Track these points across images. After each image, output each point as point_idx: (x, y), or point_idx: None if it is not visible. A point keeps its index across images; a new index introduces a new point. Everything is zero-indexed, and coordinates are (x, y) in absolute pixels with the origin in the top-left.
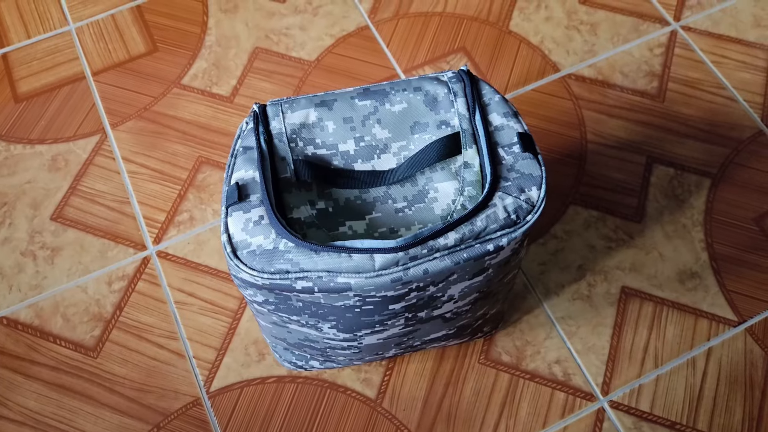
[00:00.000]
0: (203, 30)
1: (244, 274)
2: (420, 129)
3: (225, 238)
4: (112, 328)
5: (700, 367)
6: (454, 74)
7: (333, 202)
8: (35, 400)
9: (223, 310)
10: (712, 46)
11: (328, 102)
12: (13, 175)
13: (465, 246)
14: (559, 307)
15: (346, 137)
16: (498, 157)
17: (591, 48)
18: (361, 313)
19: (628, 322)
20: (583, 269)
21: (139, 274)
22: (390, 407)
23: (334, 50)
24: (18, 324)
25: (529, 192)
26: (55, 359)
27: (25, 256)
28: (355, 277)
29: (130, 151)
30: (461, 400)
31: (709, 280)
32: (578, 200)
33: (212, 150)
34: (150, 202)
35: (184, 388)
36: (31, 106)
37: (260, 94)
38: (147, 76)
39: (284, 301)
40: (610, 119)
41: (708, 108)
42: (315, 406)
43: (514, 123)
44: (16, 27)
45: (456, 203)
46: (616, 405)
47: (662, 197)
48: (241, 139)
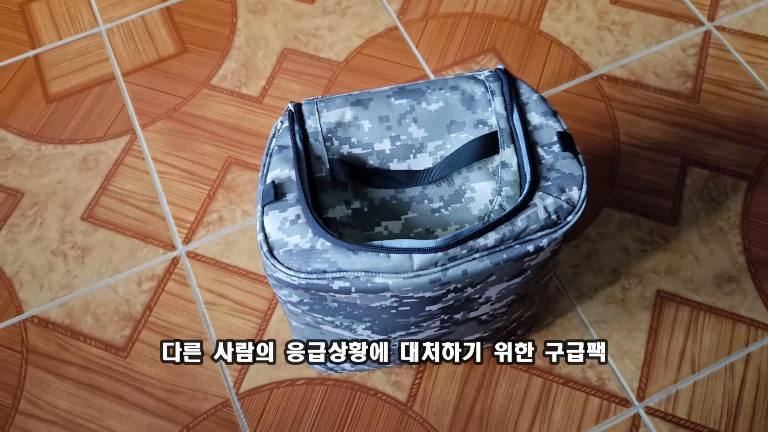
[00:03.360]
0: (232, 31)
1: (280, 273)
2: (457, 128)
3: (261, 237)
4: (141, 328)
5: (739, 373)
6: (491, 73)
7: (368, 202)
8: (66, 399)
9: (253, 311)
10: (747, 46)
11: (364, 101)
12: (45, 175)
13: (505, 246)
14: (593, 311)
15: (382, 136)
16: (537, 156)
17: (623, 48)
18: (397, 315)
19: (663, 327)
20: (617, 272)
21: (168, 274)
22: (421, 411)
23: (363, 51)
24: (49, 323)
25: (569, 192)
26: (86, 359)
27: (55, 256)
28: (393, 277)
29: (159, 151)
30: (493, 405)
31: (747, 284)
32: (612, 202)
33: (241, 150)
34: (179, 203)
35: (214, 389)
36: (62, 107)
37: (289, 95)
38: (176, 77)
39: (319, 302)
40: (643, 120)
41: (743, 109)
42: (345, 409)
43: (553, 122)
44: (47, 28)
45: (493, 203)
46: (653, 411)
47: (697, 199)
48: (276, 138)
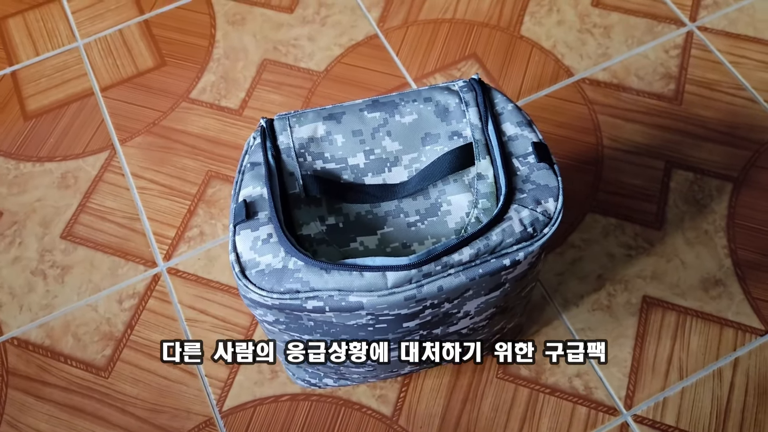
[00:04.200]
0: (211, 43)
1: (253, 294)
2: (431, 140)
3: (233, 258)
4: (123, 347)
5: (727, 379)
6: (465, 83)
7: (343, 218)
8: (46, 422)
9: (235, 327)
10: (730, 46)
11: (337, 115)
12: (23, 193)
13: (480, 261)
14: (579, 318)
15: (356, 150)
16: (512, 168)
17: (605, 51)
18: (374, 332)
19: (650, 333)
20: (603, 279)
21: (149, 291)
22: (406, 425)
23: (343, 60)
24: (29, 344)
25: (545, 204)
26: (67, 380)
27: (35, 275)
28: (367, 295)
29: (139, 166)
30: (480, 416)
31: (734, 287)
32: (596, 208)
33: (222, 164)
34: (160, 218)
35: (197, 407)
36: (40, 124)
37: (269, 106)
38: (155, 91)
39: (295, 320)
40: (627, 123)
41: (727, 110)
42: (330, 424)
43: (528, 132)
44: (24, 45)
45: (470, 216)
46: (641, 419)
47: (682, 203)
48: (248, 155)
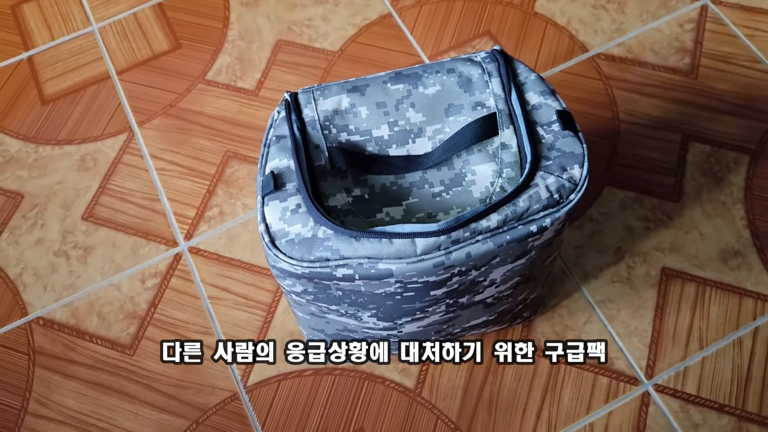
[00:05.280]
0: (225, 25)
1: (283, 263)
2: (455, 111)
3: (263, 228)
4: (147, 325)
5: (747, 347)
6: (487, 54)
7: (369, 189)
8: (74, 399)
9: (258, 304)
10: (745, 19)
11: (361, 87)
12: (44, 176)
13: (508, 228)
14: (599, 291)
15: (380, 122)
16: (537, 136)
17: (619, 26)
18: (402, 300)
19: (670, 304)
20: (622, 251)
21: (171, 270)
22: (429, 397)
23: (358, 39)
24: (54, 324)
25: (571, 170)
26: (93, 358)
27: (58, 257)
28: (396, 262)
29: (157, 148)
30: (502, 388)
31: (753, 258)
32: (613, 181)
33: (239, 144)
34: (179, 199)
35: (222, 383)
36: (58, 108)
37: (285, 87)
38: (171, 73)
39: (323, 290)
40: (642, 98)
41: (743, 82)
42: (354, 398)
43: (552, 101)
44: (40, 30)
45: (494, 185)
46: (662, 389)
47: (700, 175)
48: (273, 129)
